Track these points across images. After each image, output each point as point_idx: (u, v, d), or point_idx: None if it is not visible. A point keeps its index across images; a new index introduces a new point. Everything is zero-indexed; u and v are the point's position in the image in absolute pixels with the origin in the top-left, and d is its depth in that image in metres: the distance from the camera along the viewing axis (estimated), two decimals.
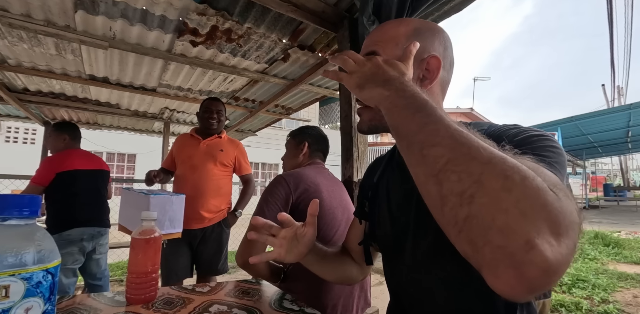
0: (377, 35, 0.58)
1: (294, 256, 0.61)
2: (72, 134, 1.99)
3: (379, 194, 0.68)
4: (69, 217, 1.83)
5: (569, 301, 2.44)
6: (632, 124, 7.13)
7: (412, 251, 0.57)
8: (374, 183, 0.69)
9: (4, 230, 0.37)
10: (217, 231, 1.86)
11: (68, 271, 1.80)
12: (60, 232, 1.78)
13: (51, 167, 1.84)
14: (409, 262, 0.58)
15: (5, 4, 1.48)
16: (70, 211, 1.84)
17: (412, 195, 0.57)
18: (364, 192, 0.74)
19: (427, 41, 0.55)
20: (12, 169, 4.23)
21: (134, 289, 0.63)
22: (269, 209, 0.97)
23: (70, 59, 2.12)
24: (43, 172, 1.83)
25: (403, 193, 0.60)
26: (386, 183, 0.67)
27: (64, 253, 1.77)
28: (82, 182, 1.90)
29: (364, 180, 0.78)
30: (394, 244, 0.62)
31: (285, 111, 3.41)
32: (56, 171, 1.83)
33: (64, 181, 1.84)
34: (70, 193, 1.86)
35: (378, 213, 0.67)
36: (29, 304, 0.36)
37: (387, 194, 0.66)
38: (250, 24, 1.67)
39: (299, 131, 1.28)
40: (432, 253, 0.53)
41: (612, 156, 14.20)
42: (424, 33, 0.56)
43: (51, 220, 1.83)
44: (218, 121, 1.94)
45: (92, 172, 1.97)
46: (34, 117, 3.63)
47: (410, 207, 0.57)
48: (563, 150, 0.44)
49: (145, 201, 1.39)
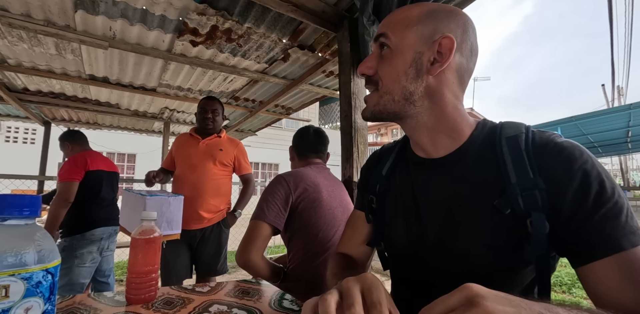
0: (389, 18, 0.55)
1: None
2: (72, 140, 2.02)
3: (391, 193, 0.63)
4: (94, 217, 1.88)
5: (569, 301, 2.44)
6: (632, 124, 7.12)
7: (426, 263, 0.54)
8: (383, 176, 0.64)
9: (4, 230, 0.37)
10: (216, 232, 1.85)
11: (86, 271, 1.82)
12: (84, 232, 1.82)
13: (81, 165, 1.87)
14: (420, 269, 0.55)
15: (5, 3, 1.48)
16: (95, 210, 1.89)
17: (430, 206, 0.54)
18: (370, 185, 0.67)
19: (442, 22, 0.50)
20: (12, 169, 4.23)
21: (134, 289, 0.62)
22: (268, 209, 0.97)
23: (70, 58, 2.12)
24: (74, 169, 1.84)
25: (421, 201, 0.56)
26: (399, 182, 0.62)
27: (85, 252, 1.82)
28: (104, 182, 1.96)
29: (369, 170, 0.71)
30: (404, 250, 0.59)
31: (285, 110, 3.41)
32: (85, 169, 1.87)
33: (90, 180, 1.87)
34: (95, 192, 1.91)
35: (390, 214, 0.62)
36: (28, 304, 0.36)
37: (401, 196, 0.60)
38: (250, 23, 1.67)
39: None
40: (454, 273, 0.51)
41: (612, 156, 14.18)
42: (439, 14, 0.51)
43: (73, 220, 1.83)
44: (213, 121, 1.91)
45: (110, 173, 2.03)
46: (34, 117, 3.63)
47: (428, 218, 0.54)
48: (620, 190, 0.42)
49: (142, 202, 1.39)
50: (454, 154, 0.53)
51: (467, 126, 0.54)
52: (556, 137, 0.47)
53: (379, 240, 0.64)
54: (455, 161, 0.53)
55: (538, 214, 0.43)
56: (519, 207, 0.44)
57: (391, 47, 0.52)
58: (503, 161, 0.48)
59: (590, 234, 0.41)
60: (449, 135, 0.54)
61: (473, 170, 0.51)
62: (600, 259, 0.40)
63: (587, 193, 0.41)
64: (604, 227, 0.40)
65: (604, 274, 0.39)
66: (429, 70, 0.50)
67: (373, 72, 0.54)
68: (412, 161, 0.61)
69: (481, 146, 0.52)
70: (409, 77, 0.51)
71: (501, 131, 0.51)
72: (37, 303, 0.37)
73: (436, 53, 0.50)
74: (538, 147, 0.47)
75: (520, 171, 0.46)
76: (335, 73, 2.30)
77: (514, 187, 0.45)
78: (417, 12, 0.52)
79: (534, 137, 0.48)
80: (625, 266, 0.38)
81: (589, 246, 0.41)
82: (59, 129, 4.40)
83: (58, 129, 4.37)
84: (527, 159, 0.46)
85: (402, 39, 0.51)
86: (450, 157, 0.54)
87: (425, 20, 0.51)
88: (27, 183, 3.63)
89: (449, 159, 0.54)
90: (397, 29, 0.52)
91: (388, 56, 0.53)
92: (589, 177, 0.42)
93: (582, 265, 0.42)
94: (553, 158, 0.45)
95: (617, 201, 0.41)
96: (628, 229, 0.39)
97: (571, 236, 0.42)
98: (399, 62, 0.51)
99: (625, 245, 0.38)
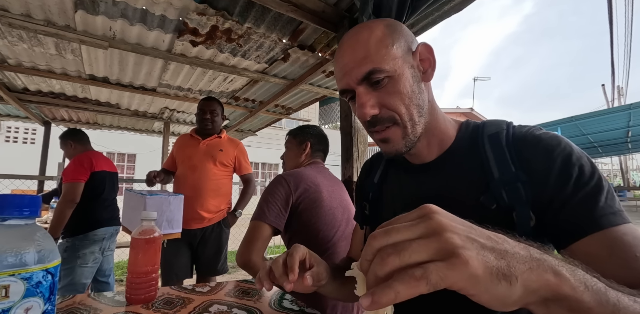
0: (358, 53, 0.48)
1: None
2: (74, 139, 2.03)
3: (383, 197, 0.64)
4: (97, 217, 1.89)
5: None
6: (632, 124, 7.12)
7: None
8: (375, 184, 0.65)
9: (4, 230, 0.37)
10: (216, 231, 1.86)
11: (88, 271, 1.83)
12: (87, 232, 1.83)
13: (87, 165, 1.87)
14: None
15: (5, 3, 1.48)
16: (98, 210, 1.91)
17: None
18: (364, 193, 0.69)
19: (402, 32, 0.50)
20: (12, 169, 4.23)
21: (134, 289, 0.62)
22: (269, 209, 0.97)
23: (70, 58, 2.12)
24: (80, 170, 1.84)
25: (412, 204, 0.57)
26: (390, 185, 0.63)
27: (87, 252, 1.83)
28: (107, 182, 1.97)
29: (362, 180, 0.73)
30: None
31: (285, 110, 3.41)
32: (91, 170, 1.88)
33: (95, 181, 1.89)
34: (98, 193, 1.92)
35: (382, 218, 0.62)
36: (28, 304, 0.36)
37: (392, 200, 0.61)
38: (250, 23, 1.67)
39: (299, 130, 1.26)
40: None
41: (612, 156, 14.18)
42: (394, 26, 0.50)
43: (76, 220, 1.83)
44: (212, 121, 1.91)
45: (111, 174, 2.04)
46: (34, 117, 3.63)
47: None
48: (601, 173, 0.42)
49: (142, 201, 1.39)
50: (443, 156, 0.55)
51: (452, 127, 0.56)
52: (535, 130, 0.49)
53: None
54: (444, 162, 0.54)
55: (522, 207, 0.44)
56: (503, 202, 0.45)
57: (390, 75, 0.48)
58: (486, 157, 0.49)
59: (569, 216, 0.41)
60: (440, 138, 0.55)
61: (459, 169, 0.52)
62: (580, 240, 0.40)
63: (567, 178, 0.42)
64: (584, 209, 0.40)
65: (585, 254, 0.40)
66: (425, 78, 0.51)
67: (379, 110, 0.49)
68: (403, 167, 0.62)
69: (466, 145, 0.53)
70: (416, 93, 0.50)
71: (483, 130, 0.52)
72: (37, 303, 0.37)
73: (419, 61, 0.51)
74: (518, 141, 0.48)
75: (502, 166, 0.47)
76: None
77: (497, 182, 0.46)
78: (381, 33, 0.48)
79: (514, 132, 0.49)
80: (606, 244, 0.39)
81: (569, 228, 0.41)
82: (59, 129, 4.40)
83: (58, 129, 4.38)
84: (509, 153, 0.47)
85: (394, 61, 0.48)
86: (439, 159, 0.55)
87: (393, 35, 0.49)
88: (27, 183, 3.64)
89: (438, 162, 0.55)
90: (384, 56, 0.47)
91: (391, 85, 0.48)
92: (568, 163, 0.43)
93: (564, 247, 0.42)
94: (532, 149, 0.46)
95: (596, 183, 0.41)
96: (608, 209, 0.40)
97: (552, 219, 0.43)
98: (405, 84, 0.48)
99: (604, 224, 0.39)
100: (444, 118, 0.56)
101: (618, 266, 0.37)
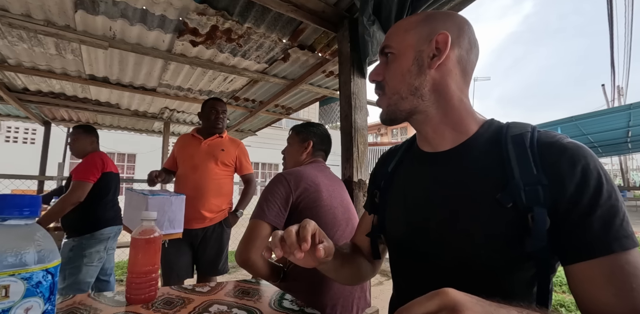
0: (389, 31, 0.60)
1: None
2: (97, 137, 2.05)
3: (394, 186, 0.65)
4: (104, 216, 1.91)
5: (568, 301, 2.44)
6: (632, 124, 7.12)
7: (425, 254, 0.55)
8: (389, 172, 0.67)
9: (4, 230, 0.37)
10: (218, 231, 1.86)
11: (93, 270, 1.84)
12: (93, 231, 1.84)
13: (99, 166, 1.89)
14: (419, 260, 0.56)
15: (5, 4, 1.48)
16: (104, 210, 1.92)
17: (432, 197, 0.55)
18: (377, 181, 0.71)
19: (438, 23, 0.55)
20: (12, 169, 4.23)
21: (134, 289, 0.62)
22: (269, 208, 0.97)
23: (70, 58, 2.12)
24: (93, 170, 1.86)
25: (422, 193, 0.58)
26: (403, 175, 0.64)
27: (93, 251, 1.84)
28: (113, 183, 2.00)
29: (377, 169, 0.74)
30: (404, 241, 0.60)
31: (285, 110, 3.41)
32: (102, 170, 1.89)
33: (103, 181, 1.90)
34: (105, 193, 1.94)
35: (391, 206, 0.64)
36: (28, 304, 0.36)
37: (403, 188, 0.63)
38: (250, 23, 1.67)
39: (303, 128, 1.25)
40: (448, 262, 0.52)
41: (612, 156, 14.18)
42: (436, 17, 0.56)
43: (83, 220, 1.85)
44: (223, 120, 1.97)
45: (116, 174, 2.07)
46: (34, 117, 3.63)
47: (429, 209, 0.55)
48: (619, 195, 0.42)
49: (144, 201, 1.39)
50: (459, 147, 0.56)
51: (474, 122, 0.56)
52: (562, 137, 0.49)
53: (379, 232, 0.67)
54: (460, 155, 0.55)
55: (540, 209, 0.44)
56: (521, 202, 0.46)
57: (394, 52, 0.57)
58: (507, 156, 0.49)
59: (582, 235, 0.42)
60: (454, 128, 0.56)
61: (476, 164, 0.52)
62: (588, 260, 0.41)
63: (583, 193, 0.42)
64: (597, 229, 0.41)
65: (589, 275, 0.41)
66: (430, 65, 0.54)
67: (381, 78, 0.59)
68: (417, 155, 0.63)
69: (486, 142, 0.53)
70: (412, 74, 0.55)
71: (507, 130, 0.53)
72: (37, 303, 0.37)
73: (434, 49, 0.54)
74: (543, 146, 0.48)
75: (524, 166, 0.47)
76: (335, 73, 2.30)
77: (517, 181, 0.46)
78: (415, 19, 0.57)
79: (539, 136, 0.50)
80: (607, 270, 0.40)
81: (580, 246, 0.42)
82: (59, 129, 4.41)
83: (58, 129, 4.38)
84: (532, 156, 0.47)
85: (402, 42, 0.56)
86: (454, 150, 0.56)
87: (422, 23, 0.56)
88: (27, 183, 3.64)
89: (453, 153, 0.56)
90: (398, 36, 0.57)
91: (392, 60, 0.58)
92: (588, 178, 0.43)
93: (571, 264, 0.43)
94: (557, 156, 0.46)
95: (613, 204, 0.41)
96: (622, 232, 0.40)
97: (565, 234, 0.43)
98: (402, 62, 0.56)
99: (616, 248, 0.40)
100: (466, 111, 0.56)
101: (612, 294, 0.39)
